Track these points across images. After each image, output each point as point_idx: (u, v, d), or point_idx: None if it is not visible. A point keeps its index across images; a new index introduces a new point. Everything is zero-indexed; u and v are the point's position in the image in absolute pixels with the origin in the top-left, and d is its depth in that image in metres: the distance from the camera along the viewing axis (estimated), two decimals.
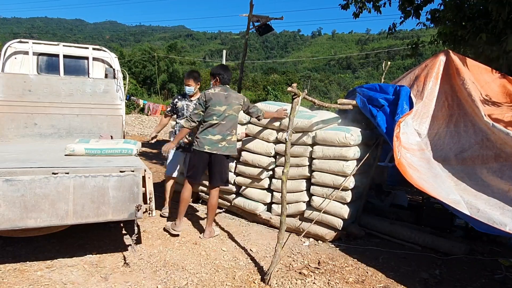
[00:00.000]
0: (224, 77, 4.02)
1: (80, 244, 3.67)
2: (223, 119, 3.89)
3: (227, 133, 3.94)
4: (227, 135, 3.94)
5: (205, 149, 3.86)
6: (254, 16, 9.57)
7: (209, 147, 3.86)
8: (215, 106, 3.87)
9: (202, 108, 3.89)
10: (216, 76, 4.03)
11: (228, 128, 3.95)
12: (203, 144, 3.86)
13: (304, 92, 3.61)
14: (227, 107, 3.91)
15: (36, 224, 2.88)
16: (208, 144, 3.86)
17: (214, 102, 3.87)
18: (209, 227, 4.10)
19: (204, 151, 3.87)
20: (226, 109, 3.90)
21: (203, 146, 3.86)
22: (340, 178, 4.05)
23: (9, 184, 2.79)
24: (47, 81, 4.99)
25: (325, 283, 3.22)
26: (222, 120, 3.89)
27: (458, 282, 3.36)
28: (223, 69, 4.09)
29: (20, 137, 4.80)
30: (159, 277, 3.14)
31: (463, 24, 6.29)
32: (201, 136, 3.89)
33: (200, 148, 3.87)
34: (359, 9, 8.02)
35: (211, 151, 3.87)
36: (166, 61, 38.72)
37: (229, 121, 3.94)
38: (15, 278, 2.94)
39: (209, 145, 3.86)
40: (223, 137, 3.91)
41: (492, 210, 3.23)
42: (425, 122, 4.35)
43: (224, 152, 3.95)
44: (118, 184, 3.10)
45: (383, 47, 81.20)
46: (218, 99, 3.89)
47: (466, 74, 4.32)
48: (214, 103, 3.87)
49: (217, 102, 3.88)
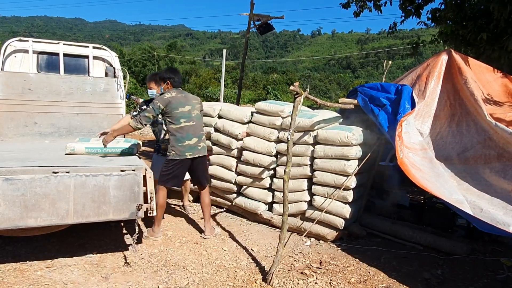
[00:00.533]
0: (175, 80, 3.85)
1: (80, 243, 3.66)
2: (192, 120, 3.76)
3: (201, 133, 3.88)
4: (201, 135, 3.88)
5: (187, 156, 3.74)
6: (255, 15, 9.56)
7: (190, 153, 3.75)
8: (178, 108, 3.67)
9: (154, 113, 3.62)
10: (167, 80, 3.84)
11: (200, 128, 3.90)
12: (183, 152, 3.72)
13: (306, 91, 3.59)
14: (190, 107, 3.77)
15: (36, 223, 2.86)
16: (188, 151, 3.73)
17: (175, 105, 3.67)
18: (208, 224, 4.09)
19: (186, 159, 3.75)
20: (191, 110, 3.77)
21: (183, 153, 3.72)
22: (342, 177, 4.04)
23: (9, 183, 2.77)
24: (47, 79, 4.97)
25: (327, 283, 3.20)
26: (192, 121, 3.76)
27: (460, 282, 3.34)
28: (173, 72, 3.90)
29: (20, 136, 4.78)
30: (160, 277, 3.12)
31: (464, 24, 6.28)
32: (177, 144, 3.70)
33: (180, 157, 3.72)
34: (360, 8, 8.02)
35: (193, 156, 3.78)
36: (166, 60, 38.74)
37: (197, 120, 3.85)
38: (15, 278, 2.93)
39: (189, 151, 3.74)
40: (199, 139, 3.84)
41: (495, 210, 3.21)
42: (427, 121, 4.34)
43: (204, 153, 3.90)
44: (119, 183, 3.09)
45: (383, 47, 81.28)
46: (178, 101, 3.69)
47: (468, 74, 4.31)
48: (176, 106, 3.67)
49: (178, 104, 3.69)
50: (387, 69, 5.57)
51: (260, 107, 4.63)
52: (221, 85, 15.78)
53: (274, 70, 51.98)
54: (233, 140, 4.73)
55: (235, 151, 4.77)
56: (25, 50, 5.12)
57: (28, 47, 5.10)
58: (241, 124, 4.81)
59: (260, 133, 4.58)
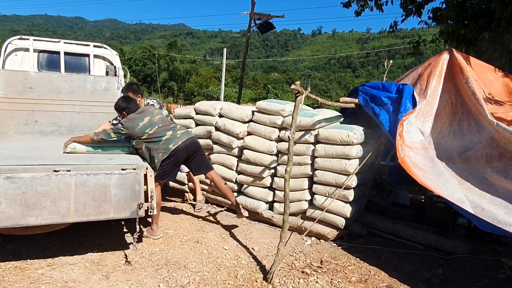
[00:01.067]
0: (131, 109, 3.88)
1: (81, 242, 3.65)
2: (156, 125, 3.79)
3: (171, 127, 3.87)
4: (174, 128, 3.87)
5: (171, 149, 3.71)
6: (255, 14, 9.56)
7: (172, 144, 3.72)
8: (138, 124, 3.73)
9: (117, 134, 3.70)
10: (122, 112, 3.89)
11: (168, 124, 3.89)
12: (167, 147, 3.71)
13: (307, 90, 3.59)
14: (149, 117, 3.82)
15: (37, 222, 2.85)
16: (169, 143, 3.72)
17: (135, 124, 3.73)
18: (237, 206, 4.16)
19: (172, 151, 3.71)
20: (150, 118, 3.81)
21: (167, 148, 3.71)
22: (343, 176, 4.03)
23: (10, 181, 2.77)
24: (48, 78, 4.97)
25: (328, 282, 3.20)
26: (157, 126, 3.78)
27: (461, 282, 3.34)
28: (126, 102, 3.94)
29: (20, 134, 4.78)
30: (161, 276, 3.12)
31: (466, 23, 6.28)
32: (158, 146, 3.72)
33: (166, 152, 3.70)
34: (361, 7, 8.01)
35: (177, 145, 3.73)
36: (166, 59, 38.77)
37: (162, 121, 3.87)
38: (15, 276, 2.92)
39: (171, 143, 3.72)
40: (173, 130, 3.83)
41: (497, 209, 3.21)
42: (428, 120, 4.33)
43: (187, 137, 3.84)
44: (119, 182, 3.08)
45: (384, 46, 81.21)
46: (134, 120, 3.76)
47: (470, 73, 4.30)
48: (136, 124, 3.73)
49: (138, 120, 3.75)
50: (387, 68, 5.57)
51: (261, 106, 4.62)
52: (222, 84, 15.79)
53: (274, 69, 52.01)
54: (233, 139, 4.73)
55: (236, 150, 4.77)
56: (26, 49, 5.12)
57: (29, 46, 5.11)
58: (242, 123, 4.80)
59: (261, 132, 4.58)
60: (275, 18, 9.78)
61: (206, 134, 5.11)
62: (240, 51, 73.27)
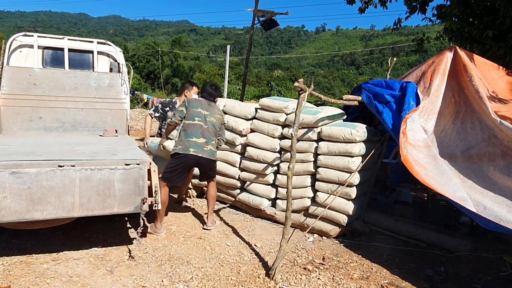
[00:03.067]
0: (203, 92, 4.14)
1: (85, 237, 3.69)
2: (205, 123, 3.92)
3: (211, 137, 3.96)
4: (211, 139, 3.97)
5: (190, 152, 3.81)
6: (259, 11, 9.54)
7: (194, 150, 3.82)
8: (197, 108, 3.94)
9: (184, 108, 3.93)
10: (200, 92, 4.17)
11: (212, 133, 3.99)
12: (188, 147, 3.81)
13: (310, 88, 3.59)
14: (208, 113, 3.99)
15: (42, 216, 2.89)
16: (193, 147, 3.82)
17: (196, 105, 3.96)
18: (211, 216, 4.20)
19: (190, 154, 3.82)
20: (208, 115, 3.97)
21: (188, 149, 3.81)
22: (345, 174, 4.04)
23: (16, 176, 2.80)
24: (52, 74, 5.00)
25: (330, 279, 3.21)
26: (204, 123, 3.92)
27: (463, 280, 3.35)
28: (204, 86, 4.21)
29: (25, 130, 4.81)
30: (164, 271, 3.15)
31: (470, 20, 6.24)
32: (185, 139, 3.85)
33: (184, 151, 3.81)
34: (365, 4, 7.95)
35: (197, 154, 3.84)
36: (170, 56, 38.74)
37: (211, 126, 3.98)
38: (21, 271, 2.96)
39: (194, 148, 3.83)
40: (207, 141, 3.92)
41: (499, 207, 3.20)
42: (431, 118, 4.32)
43: (210, 157, 3.95)
44: (123, 177, 3.11)
45: (388, 43, 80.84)
46: (199, 103, 4.00)
47: (474, 71, 4.28)
48: (196, 105, 3.95)
49: (198, 105, 3.97)
50: (391, 66, 5.56)
51: (264, 103, 4.63)
52: (225, 81, 15.76)
53: (278, 67, 51.91)
54: (237, 136, 4.74)
55: (239, 147, 4.78)
56: (30, 45, 5.13)
57: (33, 42, 5.12)
58: (245, 120, 4.81)
59: (264, 129, 4.59)
60: (279, 15, 9.75)
61: None
62: (244, 48, 73.19)
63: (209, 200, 4.20)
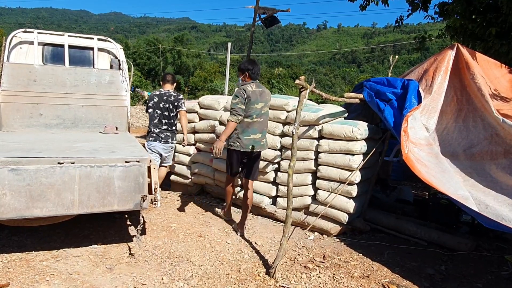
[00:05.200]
0: (253, 71, 3.86)
1: (85, 234, 3.68)
2: (260, 117, 3.85)
3: (265, 130, 3.97)
4: (265, 131, 3.97)
5: (249, 149, 3.82)
6: (260, 8, 9.51)
7: (253, 146, 3.84)
8: (253, 104, 3.76)
9: (244, 101, 3.72)
10: (245, 72, 3.85)
11: (266, 125, 3.98)
12: (247, 145, 3.81)
13: (311, 85, 3.57)
14: (263, 104, 3.85)
15: (42, 213, 2.88)
16: (252, 143, 3.82)
17: (253, 101, 3.75)
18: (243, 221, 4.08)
19: (248, 151, 3.84)
20: (263, 107, 3.86)
21: (247, 146, 3.81)
22: (346, 172, 4.02)
23: (15, 173, 2.79)
24: (53, 71, 4.97)
25: (330, 277, 3.20)
26: (260, 118, 3.85)
27: (464, 278, 3.34)
28: (251, 64, 3.90)
29: (25, 127, 4.80)
30: (164, 269, 3.14)
31: (473, 18, 6.20)
32: (243, 137, 3.79)
33: (244, 149, 3.81)
34: (367, 2, 7.92)
35: (255, 150, 3.87)
36: (173, 53, 38.71)
37: (265, 117, 3.94)
38: (20, 268, 2.95)
39: (253, 144, 3.83)
40: (263, 135, 3.91)
41: (501, 206, 3.19)
42: (433, 116, 4.29)
43: (264, 149, 4.02)
44: (123, 174, 3.10)
45: (389, 41, 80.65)
46: (255, 97, 3.78)
47: (476, 69, 4.25)
48: (253, 102, 3.75)
49: (254, 100, 3.77)
50: (393, 63, 5.53)
51: None
52: (226, 78, 15.72)
53: (279, 64, 51.83)
54: None
55: None
56: (30, 42, 5.11)
57: (33, 39, 5.09)
58: None
59: None
60: (280, 12, 9.71)
61: (210, 129, 5.10)
62: (245, 46, 73.04)
63: (248, 204, 4.05)
